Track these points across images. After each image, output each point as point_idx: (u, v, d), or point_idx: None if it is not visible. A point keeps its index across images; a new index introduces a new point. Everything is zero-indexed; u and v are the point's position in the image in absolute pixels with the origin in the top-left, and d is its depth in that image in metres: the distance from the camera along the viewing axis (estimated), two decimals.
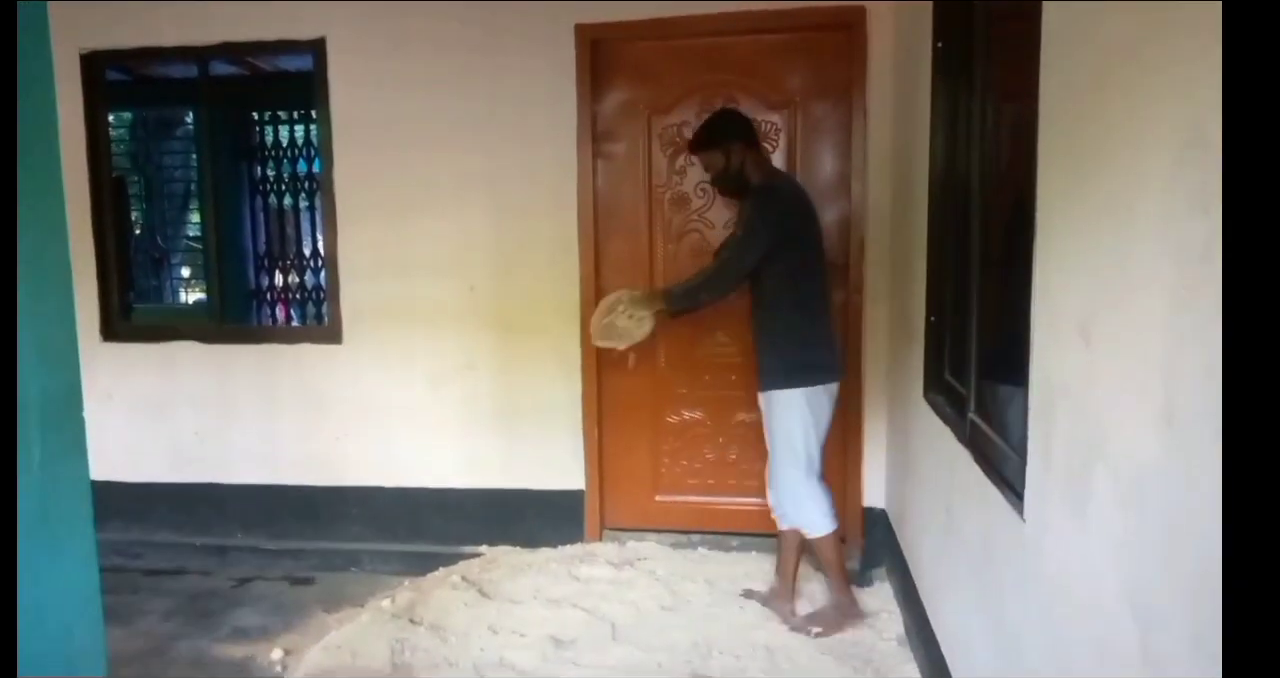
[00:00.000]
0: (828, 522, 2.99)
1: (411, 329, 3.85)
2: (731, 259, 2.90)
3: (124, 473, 4.02)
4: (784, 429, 2.96)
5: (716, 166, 3.04)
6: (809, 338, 2.97)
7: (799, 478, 2.96)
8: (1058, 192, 1.55)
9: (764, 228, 2.87)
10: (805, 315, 2.97)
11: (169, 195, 7.28)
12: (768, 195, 2.93)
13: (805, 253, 2.95)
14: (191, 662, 3.00)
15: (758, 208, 2.90)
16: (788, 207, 2.93)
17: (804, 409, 2.93)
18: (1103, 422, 1.32)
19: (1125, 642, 1.20)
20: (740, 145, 3.01)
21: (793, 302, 2.95)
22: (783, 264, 2.90)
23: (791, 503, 3.00)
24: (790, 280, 2.93)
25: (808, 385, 2.93)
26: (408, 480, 3.92)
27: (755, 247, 2.86)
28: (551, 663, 2.80)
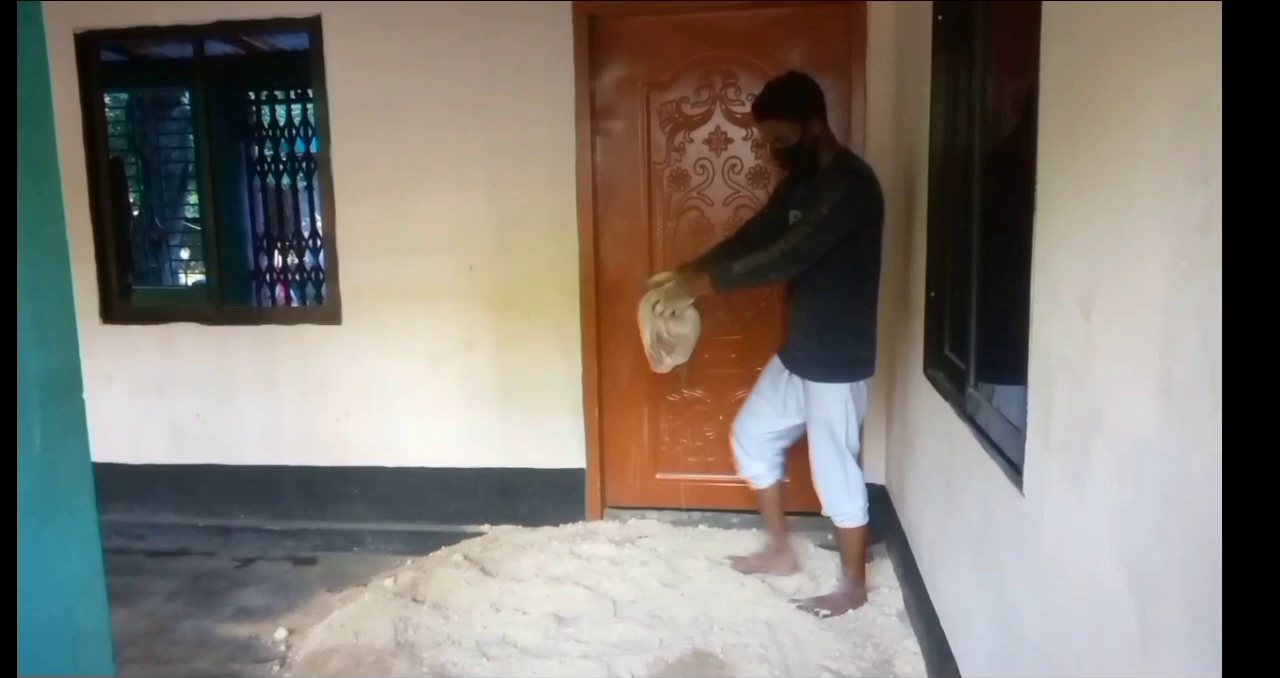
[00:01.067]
0: (861, 515, 2.98)
1: (411, 309, 3.85)
2: (813, 239, 2.68)
3: (126, 455, 4.03)
4: (825, 421, 2.92)
5: (789, 139, 2.81)
6: (860, 332, 2.91)
7: (838, 468, 2.94)
8: (1058, 165, 1.54)
9: (851, 211, 2.71)
10: (860, 309, 2.90)
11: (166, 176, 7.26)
12: (856, 178, 2.77)
13: (874, 245, 2.86)
14: (196, 642, 3.02)
15: (850, 190, 2.72)
16: (874, 197, 2.80)
17: (848, 402, 2.89)
18: (1101, 395, 1.32)
19: (1123, 614, 1.20)
20: (817, 119, 2.82)
21: (852, 293, 2.87)
22: (851, 253, 2.78)
23: (828, 491, 2.99)
24: (854, 271, 2.83)
25: (852, 380, 2.89)
26: (409, 460, 3.93)
27: (838, 229, 2.69)
28: (554, 640, 2.82)
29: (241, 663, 2.86)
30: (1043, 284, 1.61)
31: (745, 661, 2.66)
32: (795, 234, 2.72)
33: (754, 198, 3.65)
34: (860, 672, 2.62)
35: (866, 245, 2.82)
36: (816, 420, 2.95)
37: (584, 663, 2.65)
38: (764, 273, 2.77)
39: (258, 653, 2.93)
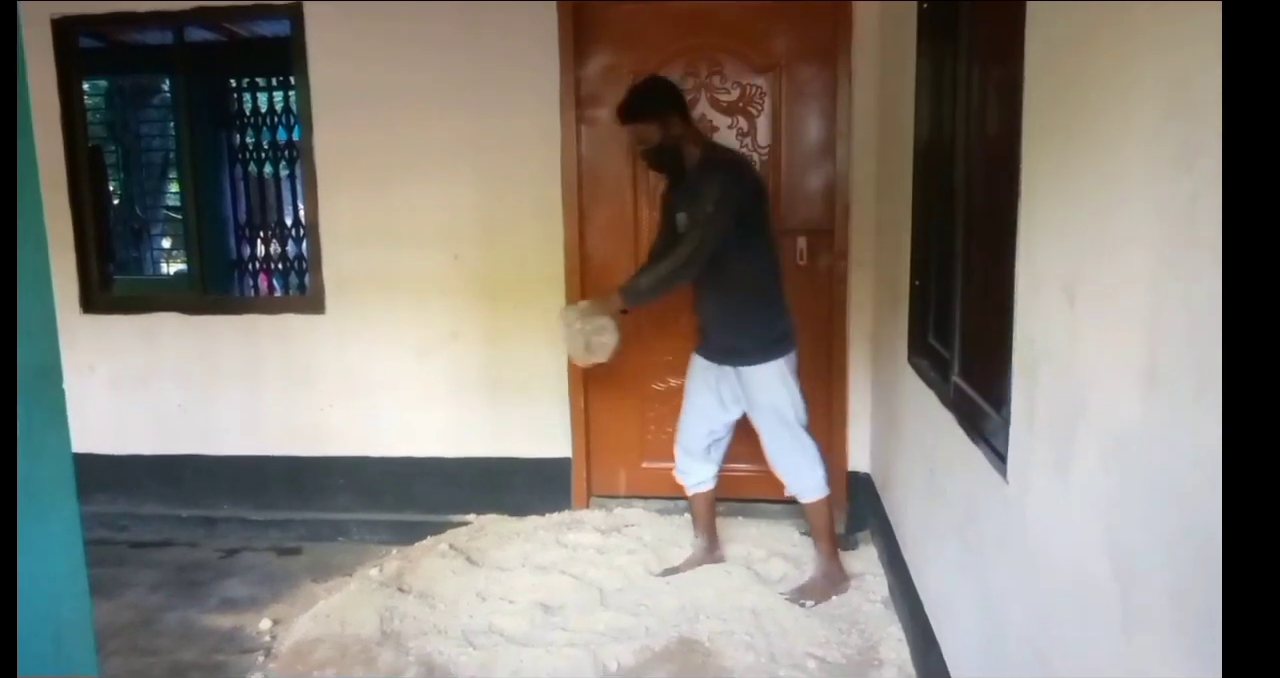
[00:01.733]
0: (823, 486, 3.02)
1: (396, 299, 3.83)
2: (706, 237, 2.77)
3: (108, 445, 3.99)
4: (775, 401, 2.96)
5: (652, 140, 2.90)
6: (774, 308, 2.98)
7: (796, 443, 2.98)
8: (1042, 151, 1.55)
9: (731, 202, 2.78)
10: (767, 287, 2.96)
11: (147, 165, 7.18)
12: (724, 171, 2.84)
13: (761, 226, 2.92)
14: (180, 633, 3.01)
15: (719, 185, 2.79)
16: (743, 181, 2.87)
17: (787, 376, 2.95)
18: (1086, 383, 1.32)
19: (1106, 601, 1.21)
20: (678, 117, 2.90)
21: (755, 275, 2.93)
22: (742, 238, 2.84)
23: (788, 468, 3.02)
24: (750, 253, 2.89)
25: (784, 354, 2.95)
26: (394, 450, 3.92)
27: (725, 222, 2.78)
28: (540, 629, 2.82)
29: (226, 654, 2.85)
30: (1026, 272, 1.62)
31: (731, 648, 2.67)
32: (689, 238, 2.80)
33: None
34: (845, 658, 2.64)
35: (753, 227, 2.88)
36: (760, 405, 2.97)
37: (570, 651, 2.65)
38: (669, 281, 2.83)
39: (242, 644, 2.92)
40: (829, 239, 3.60)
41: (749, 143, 3.61)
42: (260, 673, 2.70)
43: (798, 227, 3.62)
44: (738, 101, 3.61)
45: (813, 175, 3.61)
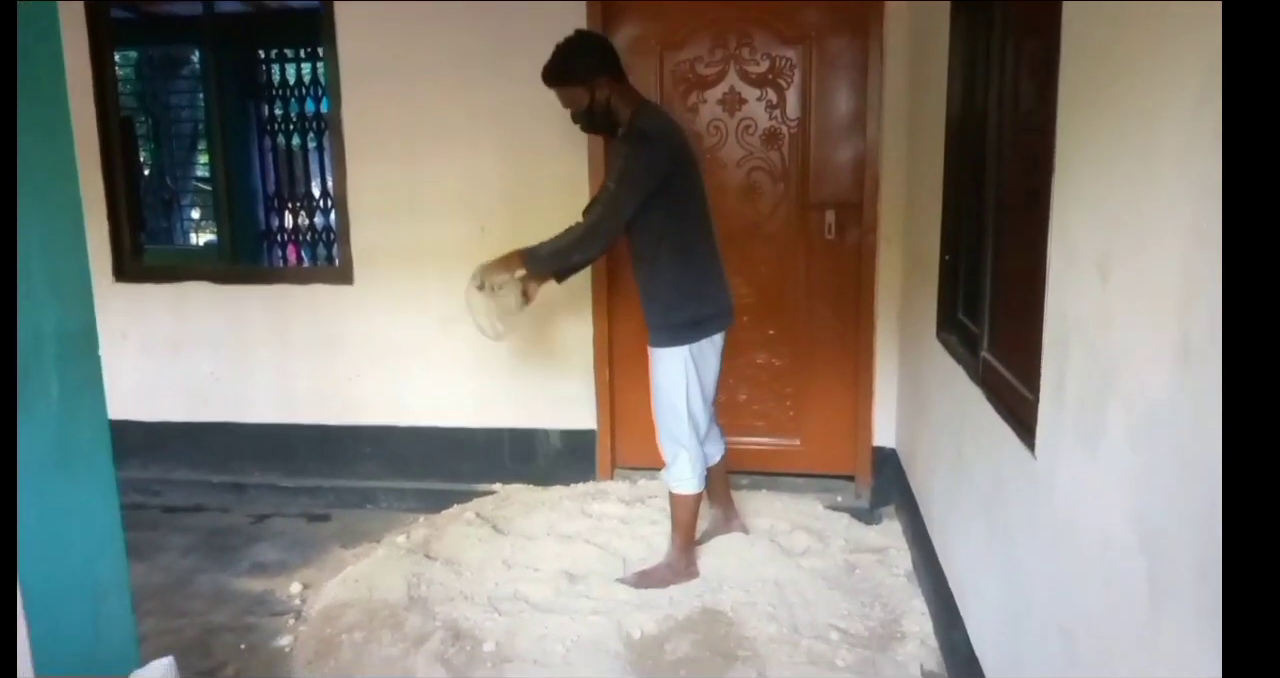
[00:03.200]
0: (696, 482, 2.90)
1: (423, 270, 3.84)
2: (606, 214, 2.64)
3: (141, 412, 4.06)
4: (664, 387, 2.83)
5: (580, 104, 2.76)
6: (691, 291, 2.79)
7: (673, 435, 2.87)
8: (1078, 127, 1.53)
9: (639, 175, 2.62)
10: (685, 267, 2.76)
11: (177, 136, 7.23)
12: (641, 137, 2.66)
13: (683, 198, 2.72)
14: (212, 596, 3.07)
15: (632, 156, 2.63)
16: (663, 152, 2.66)
17: (687, 366, 2.80)
18: (1117, 358, 1.32)
19: (1133, 574, 1.21)
20: (606, 79, 2.73)
21: (671, 253, 2.74)
22: (658, 213, 2.68)
23: (667, 454, 2.91)
24: (668, 230, 2.72)
25: (691, 342, 2.79)
26: (421, 420, 3.96)
27: (631, 196, 2.62)
28: (565, 596, 2.86)
29: (257, 616, 2.91)
30: (1060, 247, 1.61)
31: (754, 618, 2.69)
32: (590, 213, 2.69)
33: (767, 160, 3.62)
34: (868, 630, 2.65)
35: (674, 203, 2.70)
36: (659, 387, 2.85)
37: (595, 619, 2.69)
38: (568, 254, 2.73)
39: (273, 607, 2.98)
40: (857, 213, 3.57)
41: (778, 115, 3.59)
42: (290, 636, 2.75)
43: (826, 200, 3.60)
44: (767, 73, 3.57)
45: (842, 149, 3.58)
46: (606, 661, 2.48)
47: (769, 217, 3.66)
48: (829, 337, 3.71)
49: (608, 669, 2.44)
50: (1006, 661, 1.91)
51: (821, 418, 3.77)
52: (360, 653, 2.58)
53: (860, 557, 3.12)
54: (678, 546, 2.98)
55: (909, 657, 2.52)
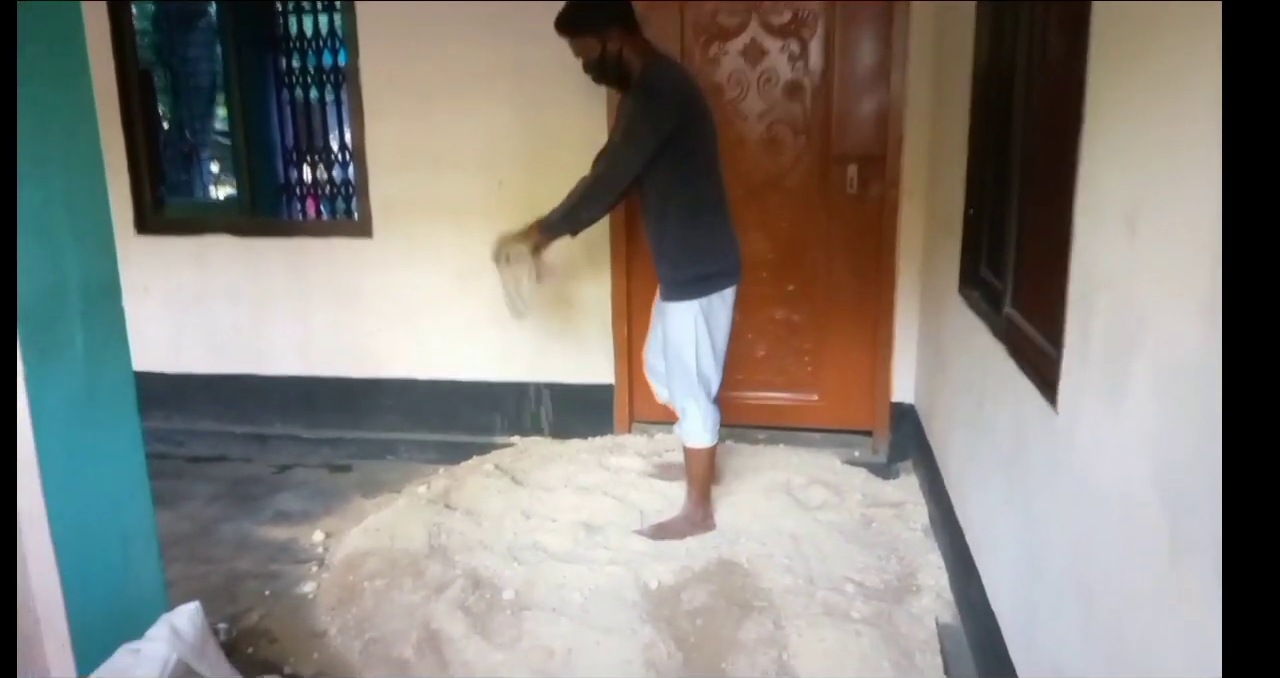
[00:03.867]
0: (708, 437, 2.91)
1: (441, 224, 3.84)
2: (611, 170, 2.65)
3: (164, 363, 4.11)
4: (677, 341, 2.85)
5: (591, 54, 2.74)
6: (702, 246, 2.79)
7: (691, 388, 2.87)
8: (1109, 77, 1.49)
9: (645, 131, 2.60)
10: (696, 222, 2.77)
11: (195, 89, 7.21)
12: (651, 93, 2.64)
13: (694, 151, 2.71)
14: (237, 543, 3.13)
15: (640, 108, 2.61)
16: (673, 105, 2.64)
17: (699, 321, 2.80)
18: (1144, 313, 1.30)
19: (1154, 530, 1.21)
20: (618, 30, 2.70)
21: (679, 209, 2.74)
22: (667, 169, 2.67)
23: (680, 407, 2.93)
24: (676, 186, 2.71)
25: (702, 296, 2.78)
26: (441, 373, 3.98)
27: (637, 152, 2.61)
28: (583, 547, 2.89)
29: (281, 564, 2.96)
30: (1087, 201, 1.58)
31: (770, 570, 2.71)
32: (595, 168, 2.69)
33: (789, 113, 3.57)
34: (883, 583, 2.67)
35: (683, 157, 2.68)
36: (670, 341, 2.88)
37: (612, 569, 2.72)
38: (577, 213, 2.72)
39: (296, 555, 3.03)
40: (880, 167, 3.53)
41: (800, 67, 3.53)
42: (314, 583, 2.81)
43: (848, 153, 3.55)
44: (790, 24, 3.51)
45: (865, 101, 3.52)
46: (624, 609, 2.51)
47: (790, 170, 3.62)
48: (849, 292, 3.68)
49: (625, 618, 2.47)
50: (1022, 615, 1.92)
51: (840, 373, 3.76)
52: (382, 600, 2.63)
53: (877, 511, 3.13)
54: (694, 498, 3.01)
55: (924, 610, 2.54)
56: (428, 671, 2.31)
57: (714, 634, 2.42)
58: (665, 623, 2.47)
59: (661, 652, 2.33)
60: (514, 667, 2.29)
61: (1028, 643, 1.87)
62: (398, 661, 2.36)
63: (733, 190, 3.62)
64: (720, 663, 2.31)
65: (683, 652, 2.35)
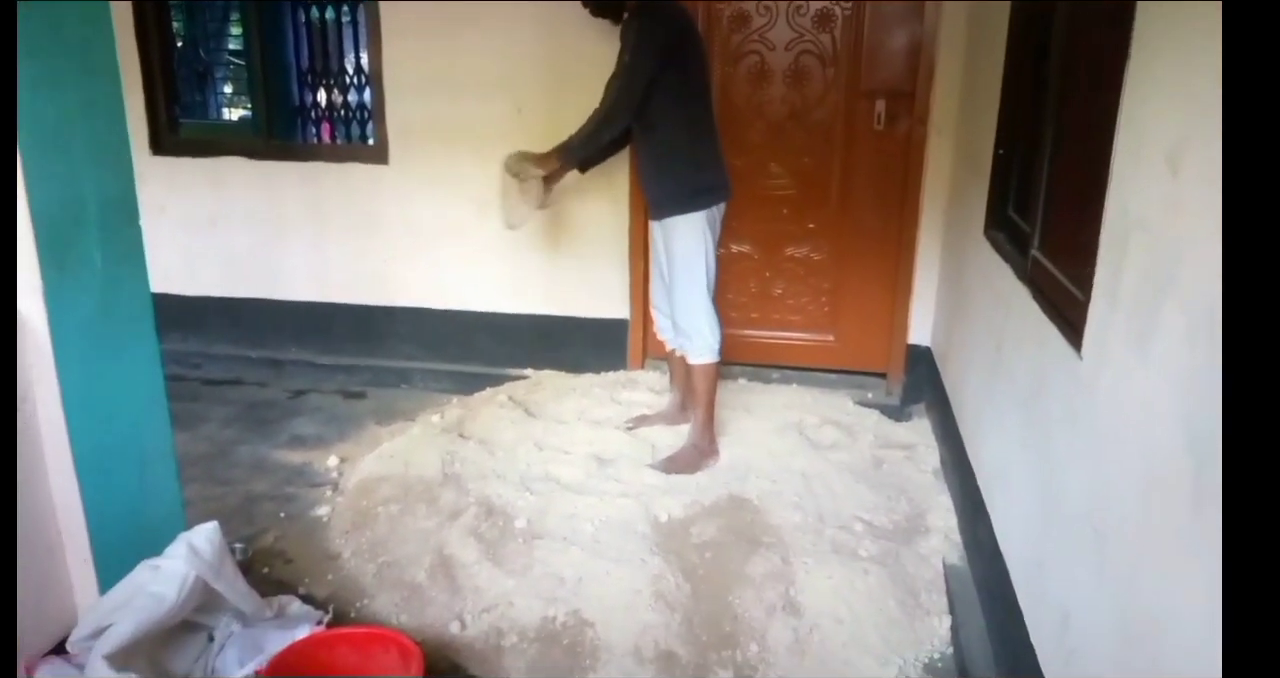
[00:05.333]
0: (717, 349, 2.98)
1: (459, 151, 3.79)
2: (622, 90, 2.76)
3: (180, 286, 4.11)
4: (686, 254, 2.91)
5: None
6: (703, 159, 2.91)
7: (701, 301, 2.95)
8: (1158, 10, 1.43)
9: (648, 50, 2.73)
10: (695, 137, 2.89)
11: (209, 7, 7.06)
12: (648, 17, 2.77)
13: (690, 74, 2.84)
14: (252, 465, 3.17)
15: (639, 32, 2.75)
16: (669, 26, 2.78)
17: (705, 231, 2.90)
18: (1180, 254, 1.26)
19: (1177, 476, 1.19)
20: None
21: (682, 124, 2.86)
22: (669, 87, 2.79)
23: (690, 325, 2.97)
24: (677, 103, 2.83)
25: (706, 207, 2.89)
26: (456, 303, 3.98)
27: (642, 72, 2.74)
28: (594, 479, 2.91)
29: (296, 487, 3.00)
30: (1128, 139, 1.53)
31: (779, 507, 2.73)
32: (608, 90, 2.81)
33: (818, 43, 3.48)
34: (892, 523, 2.69)
35: (677, 75, 2.80)
36: (677, 256, 2.93)
37: (623, 501, 2.74)
38: (596, 134, 2.85)
39: (311, 478, 3.07)
40: (909, 103, 3.44)
41: None
42: (328, 506, 2.84)
43: (877, 88, 3.47)
44: None
45: (897, 34, 3.42)
46: (634, 540, 2.54)
47: (816, 104, 3.54)
48: (871, 232, 3.63)
49: (634, 549, 2.50)
50: (1031, 556, 1.93)
51: (857, 314, 3.73)
52: (395, 525, 2.66)
53: (888, 452, 3.14)
54: (700, 421, 3.04)
55: (932, 550, 2.56)
56: (440, 595, 2.34)
57: (722, 568, 2.44)
58: (674, 555, 2.49)
59: (670, 583, 2.35)
60: (525, 593, 2.32)
61: (1036, 586, 1.87)
62: (410, 584, 2.39)
63: (755, 123, 3.59)
64: (727, 596, 2.34)
65: (690, 584, 2.38)
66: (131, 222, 1.92)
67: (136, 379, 1.97)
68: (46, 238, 1.68)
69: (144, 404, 2.00)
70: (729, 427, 3.27)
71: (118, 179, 1.89)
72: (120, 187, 1.90)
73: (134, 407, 1.97)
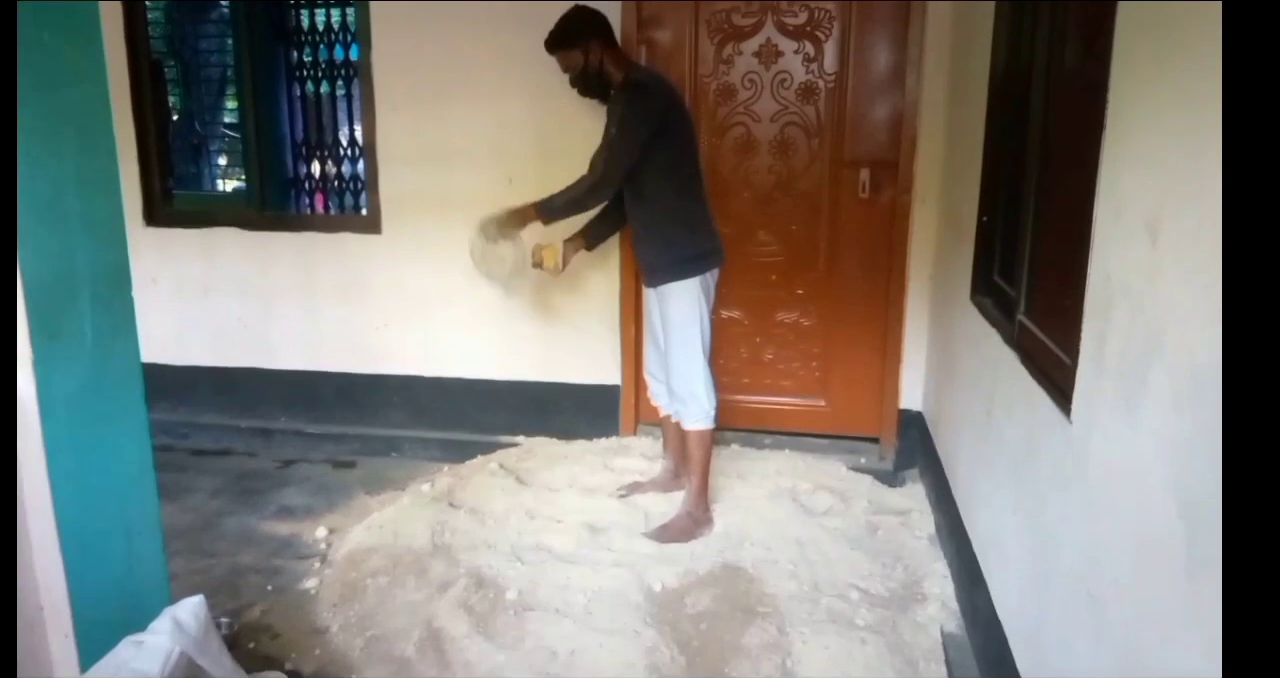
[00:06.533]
0: (712, 415, 3.00)
1: (450, 220, 3.81)
2: (613, 159, 2.84)
3: (170, 356, 4.10)
4: (681, 320, 2.95)
5: (575, 67, 3.00)
6: (696, 226, 2.97)
7: (698, 367, 2.97)
8: (1133, 80, 1.47)
9: (637, 124, 2.81)
10: (687, 205, 2.96)
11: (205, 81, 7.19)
12: (636, 91, 2.87)
13: (679, 144, 2.91)
14: (239, 537, 3.12)
15: (629, 104, 2.84)
16: (657, 100, 2.86)
17: (700, 297, 2.94)
18: (1163, 321, 1.28)
19: (1170, 542, 1.19)
20: (598, 43, 2.96)
21: (673, 193, 2.93)
22: (658, 159, 2.86)
23: (687, 391, 2.98)
24: (668, 173, 2.90)
25: (700, 273, 2.94)
26: (447, 370, 3.98)
27: (632, 143, 2.82)
28: (587, 548, 2.87)
29: (284, 559, 2.95)
30: (1108, 207, 1.56)
31: (775, 576, 2.70)
32: (597, 159, 2.89)
33: (802, 115, 3.56)
34: (888, 591, 2.66)
35: (666, 146, 2.86)
36: (673, 322, 2.97)
37: (616, 571, 2.71)
38: (581, 201, 2.92)
39: (299, 550, 3.02)
40: (893, 172, 3.51)
41: (815, 69, 3.52)
42: (316, 578, 2.79)
43: (861, 158, 3.54)
44: (805, 25, 3.50)
45: (879, 105, 3.51)
46: (628, 612, 2.50)
47: (802, 173, 3.61)
48: (859, 297, 3.67)
49: (628, 620, 2.45)
50: (1030, 625, 1.90)
51: (848, 379, 3.74)
52: (385, 597, 2.62)
53: (883, 518, 3.11)
54: (695, 489, 3.03)
55: (929, 618, 2.52)
56: (429, 670, 2.29)
57: (717, 639, 2.40)
58: (669, 627, 2.45)
59: (665, 655, 2.31)
60: (516, 667, 2.27)
61: (1035, 654, 1.85)
62: (399, 659, 2.34)
63: (742, 192, 3.65)
64: (723, 668, 2.29)
65: (685, 656, 2.34)
66: (124, 292, 1.93)
67: (125, 451, 1.96)
68: (37, 308, 1.69)
69: (132, 476, 1.98)
70: (722, 493, 3.25)
71: (111, 250, 1.91)
72: (113, 258, 1.91)
73: (121, 479, 1.95)
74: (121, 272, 1.93)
